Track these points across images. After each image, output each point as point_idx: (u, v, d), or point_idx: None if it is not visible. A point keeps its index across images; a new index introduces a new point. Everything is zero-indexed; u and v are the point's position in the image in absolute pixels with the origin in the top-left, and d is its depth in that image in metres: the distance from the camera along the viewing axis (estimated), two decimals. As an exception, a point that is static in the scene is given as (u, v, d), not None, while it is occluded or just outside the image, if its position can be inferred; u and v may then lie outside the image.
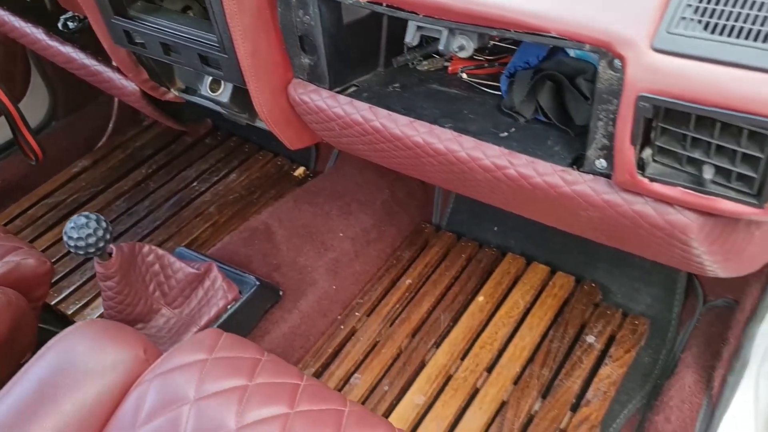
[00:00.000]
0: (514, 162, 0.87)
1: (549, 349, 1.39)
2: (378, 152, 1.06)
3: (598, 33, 0.70)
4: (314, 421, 0.94)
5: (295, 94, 1.07)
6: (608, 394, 1.29)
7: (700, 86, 0.64)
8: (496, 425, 1.27)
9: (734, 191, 0.69)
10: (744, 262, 0.87)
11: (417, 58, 1.11)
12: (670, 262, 0.90)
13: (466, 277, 1.57)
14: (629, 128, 0.71)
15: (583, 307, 1.46)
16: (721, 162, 0.68)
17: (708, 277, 1.37)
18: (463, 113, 0.97)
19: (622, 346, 1.37)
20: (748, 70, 0.62)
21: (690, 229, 0.76)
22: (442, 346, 1.42)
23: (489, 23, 0.78)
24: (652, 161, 0.74)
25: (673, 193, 0.73)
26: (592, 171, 0.81)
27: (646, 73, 0.67)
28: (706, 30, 0.64)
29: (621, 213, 0.80)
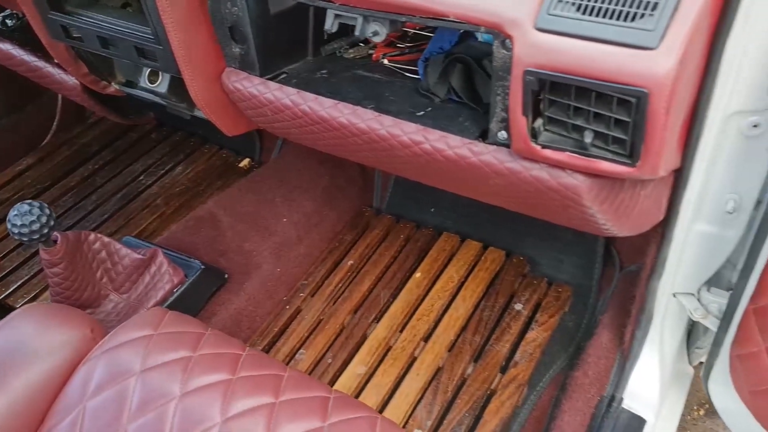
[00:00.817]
0: (429, 137, 0.95)
1: (481, 318, 1.48)
2: (308, 134, 1.12)
3: (489, 16, 0.78)
4: (256, 385, 1.00)
5: (228, 82, 1.13)
6: (534, 356, 1.39)
7: (574, 60, 0.73)
8: (431, 389, 1.35)
9: (611, 153, 0.79)
10: (634, 221, 0.96)
11: (343, 46, 1.18)
12: (572, 224, 0.99)
13: (405, 256, 1.65)
14: (520, 101, 0.79)
15: (512, 279, 1.55)
16: (599, 127, 0.77)
17: (623, 246, 1.49)
18: (384, 95, 1.05)
19: (547, 311, 1.47)
20: (613, 45, 0.71)
21: (580, 189, 0.85)
22: (382, 320, 1.50)
23: (397, 9, 0.86)
24: (544, 130, 0.82)
25: (562, 158, 0.82)
26: (495, 142, 0.89)
27: (530, 50, 0.75)
28: (578, 11, 0.73)
29: (522, 179, 0.89)
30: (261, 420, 0.94)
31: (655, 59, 0.69)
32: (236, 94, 1.14)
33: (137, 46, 1.17)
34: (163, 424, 0.95)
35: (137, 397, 0.98)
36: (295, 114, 1.07)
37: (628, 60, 0.70)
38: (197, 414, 0.94)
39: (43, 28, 1.26)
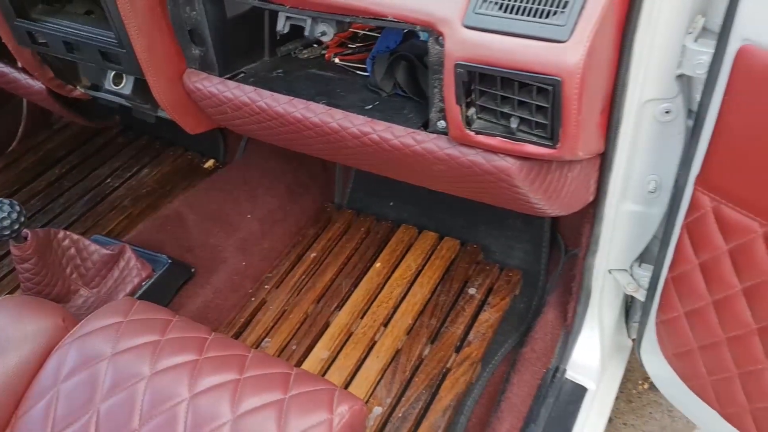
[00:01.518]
0: (376, 128, 1.03)
1: (437, 302, 1.56)
2: (266, 130, 1.20)
3: (423, 15, 0.86)
4: (222, 364, 1.06)
5: (189, 83, 1.19)
6: (487, 336, 1.48)
7: (497, 53, 0.82)
8: (391, 369, 1.43)
9: (535, 137, 0.87)
10: (565, 201, 1.05)
11: (298, 47, 1.26)
12: (510, 205, 1.08)
13: (365, 248, 1.73)
14: (453, 92, 0.88)
15: (467, 265, 1.64)
16: (523, 114, 0.86)
17: (567, 231, 1.58)
18: (336, 91, 1.12)
19: (498, 294, 1.56)
20: (530, 39, 0.80)
21: (511, 171, 0.94)
22: (344, 308, 1.57)
23: (341, 11, 0.94)
24: (477, 118, 0.91)
25: (494, 143, 0.91)
26: (436, 130, 0.97)
27: (459, 46, 0.84)
28: (500, 9, 0.82)
29: (460, 163, 0.97)
30: (226, 394, 1.00)
31: (565, 51, 0.78)
32: (197, 94, 1.20)
33: (101, 50, 1.23)
34: (134, 401, 1.01)
35: (109, 378, 1.04)
36: (253, 110, 1.15)
37: (543, 52, 0.79)
38: (166, 391, 1.00)
39: (9, 34, 1.31)
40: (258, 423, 0.96)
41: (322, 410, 0.97)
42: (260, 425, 0.96)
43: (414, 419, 1.33)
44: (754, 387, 0.98)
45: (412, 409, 1.34)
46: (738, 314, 0.94)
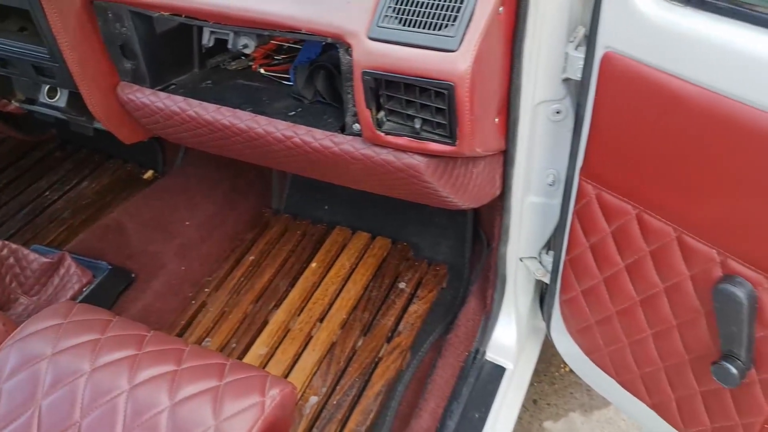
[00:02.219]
0: (298, 132, 1.11)
1: (369, 297, 1.65)
2: (198, 137, 1.27)
3: (333, 29, 0.96)
4: (160, 357, 1.11)
5: (123, 94, 1.25)
6: (415, 326, 1.57)
7: (399, 62, 0.91)
8: (326, 361, 1.51)
9: (437, 135, 0.97)
10: (472, 195, 1.16)
11: (226, 59, 1.33)
12: (424, 200, 1.18)
13: (301, 249, 1.81)
14: (363, 97, 0.97)
15: (397, 262, 1.74)
16: (426, 115, 0.96)
17: (487, 226, 1.69)
18: (262, 100, 1.20)
19: (426, 287, 1.66)
20: (426, 49, 0.90)
21: (420, 167, 1.03)
22: (281, 307, 1.65)
23: (260, 26, 1.02)
24: (386, 120, 1.01)
25: (402, 142, 1.01)
26: (352, 133, 1.07)
27: (365, 55, 0.93)
28: (400, 23, 0.92)
29: (375, 162, 1.07)
30: (164, 384, 1.06)
31: (456, 59, 0.88)
32: (130, 105, 1.27)
33: (35, 64, 1.27)
34: (75, 396, 1.06)
35: (50, 376, 1.08)
36: (183, 119, 1.21)
37: (437, 60, 0.89)
38: (106, 384, 1.06)
39: (-59, 51, 1.34)
40: (195, 408, 1.02)
41: (254, 394, 1.04)
42: (197, 410, 1.02)
43: (348, 406, 1.41)
44: (642, 354, 1.09)
45: (346, 397, 1.42)
46: (623, 289, 1.06)
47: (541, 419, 1.74)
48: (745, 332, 0.88)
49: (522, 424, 1.73)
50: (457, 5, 0.89)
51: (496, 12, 0.90)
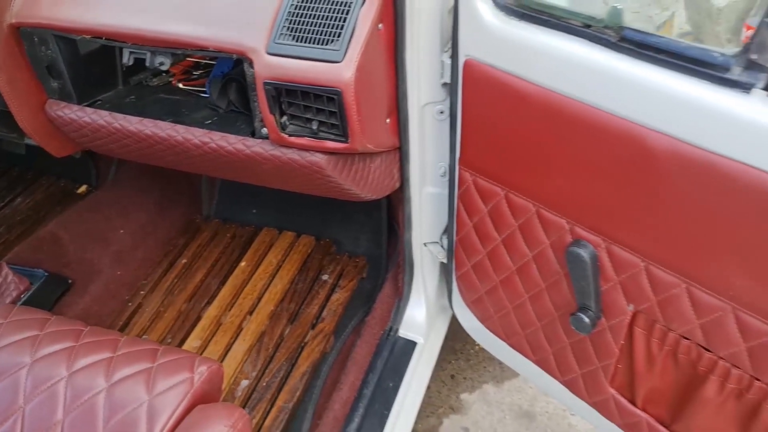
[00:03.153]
0: (213, 138, 1.24)
1: (295, 290, 1.78)
2: (124, 147, 1.38)
3: (237, 46, 1.09)
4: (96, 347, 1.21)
5: (51, 111, 1.35)
6: (338, 312, 1.71)
7: (294, 73, 1.06)
8: (256, 349, 1.63)
9: (333, 135, 1.12)
10: (373, 187, 1.31)
11: (148, 77, 1.45)
12: (331, 193, 1.32)
13: (231, 250, 1.92)
14: (266, 104, 1.11)
15: (321, 257, 1.87)
16: (322, 118, 1.11)
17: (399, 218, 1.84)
18: (181, 111, 1.33)
19: (347, 278, 1.80)
20: (316, 61, 1.04)
21: (321, 164, 1.18)
22: (213, 303, 1.76)
23: (173, 45, 1.15)
24: (289, 124, 1.15)
25: (304, 142, 1.15)
26: (261, 136, 1.20)
27: (265, 68, 1.07)
28: (294, 40, 1.06)
29: (282, 161, 1.20)
30: (101, 369, 1.16)
31: (341, 69, 1.03)
32: (58, 121, 1.36)
33: (-36, 85, 1.36)
34: (17, 386, 1.15)
35: (-9, 372, 1.17)
36: (110, 131, 1.32)
37: (326, 70, 1.04)
38: (46, 374, 1.15)
39: None
40: (129, 387, 1.13)
41: (184, 371, 1.15)
42: (131, 389, 1.13)
43: (276, 386, 1.53)
44: (523, 316, 1.26)
45: (275, 378, 1.55)
46: (502, 261, 1.22)
47: (458, 392, 1.90)
48: (592, 286, 1.05)
49: (441, 397, 1.89)
50: (340, 23, 1.04)
51: (375, 28, 1.06)
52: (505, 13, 0.96)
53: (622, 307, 1.04)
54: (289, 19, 1.07)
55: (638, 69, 0.84)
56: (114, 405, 1.12)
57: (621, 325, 1.06)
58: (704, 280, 0.90)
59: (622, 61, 0.85)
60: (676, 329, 0.98)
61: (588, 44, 0.88)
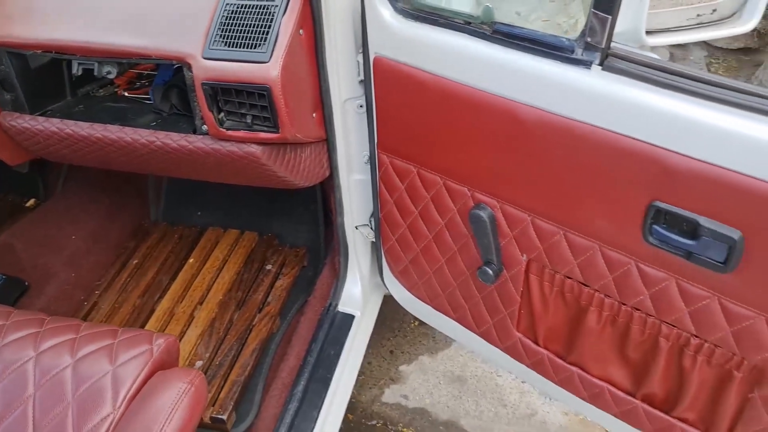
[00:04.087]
0: (159, 137, 1.37)
1: (242, 280, 1.91)
2: (76, 152, 1.49)
3: (176, 53, 1.23)
4: (61, 330, 1.31)
5: (5, 122, 1.46)
6: (282, 296, 1.85)
7: (227, 73, 1.20)
8: (207, 333, 1.75)
9: (265, 127, 1.27)
10: (305, 175, 1.46)
11: (95, 88, 1.57)
12: (269, 183, 1.47)
13: (179, 249, 2.04)
14: (205, 103, 1.25)
15: (264, 250, 2.01)
16: (255, 112, 1.26)
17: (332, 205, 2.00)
18: (127, 116, 1.45)
19: (289, 266, 1.95)
20: (247, 62, 1.20)
21: (257, 154, 1.32)
22: (165, 297, 1.87)
23: (119, 55, 1.28)
24: (226, 120, 1.29)
25: (241, 135, 1.29)
26: (202, 133, 1.34)
27: (202, 71, 1.22)
28: (226, 45, 1.21)
29: (223, 154, 1.35)
30: (66, 348, 1.27)
31: (269, 68, 1.19)
32: (12, 131, 1.47)
33: None
34: (-13, 369, 1.25)
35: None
36: (61, 137, 1.44)
37: (255, 70, 1.19)
38: (14, 356, 1.25)
39: None
40: (94, 361, 1.24)
41: (144, 344, 1.27)
42: (96, 362, 1.24)
43: (228, 363, 1.66)
44: (442, 279, 1.43)
45: (227, 357, 1.67)
46: (420, 231, 1.40)
47: (397, 365, 2.06)
48: (493, 242, 1.24)
49: (381, 371, 2.05)
50: (266, 29, 1.20)
51: (296, 33, 1.22)
52: (403, 16, 1.14)
53: (517, 258, 1.23)
54: (221, 27, 1.22)
55: (508, 55, 1.03)
56: (80, 377, 1.23)
57: (519, 273, 1.25)
58: (576, 225, 1.10)
59: (495, 49, 1.04)
60: (561, 271, 1.17)
61: (469, 37, 1.07)
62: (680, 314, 1.04)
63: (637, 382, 1.20)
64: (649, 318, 1.09)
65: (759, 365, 0.99)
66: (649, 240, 1.00)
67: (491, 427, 1.87)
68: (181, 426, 1.13)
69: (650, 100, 0.92)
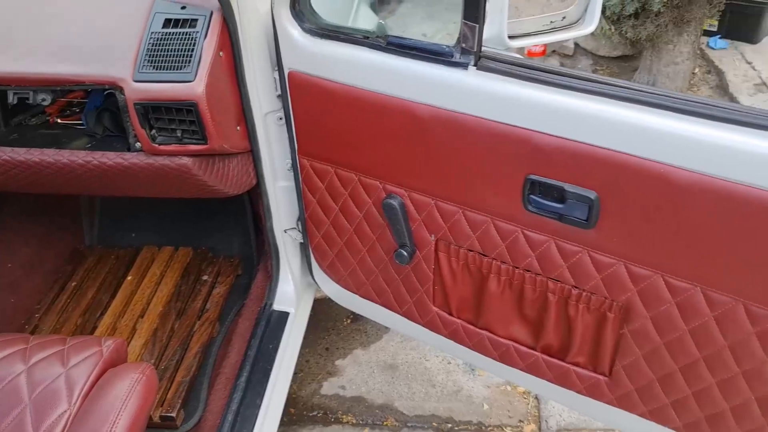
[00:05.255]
0: (95, 156, 1.47)
1: (180, 291, 2.00)
2: (14, 177, 1.56)
3: (108, 78, 1.35)
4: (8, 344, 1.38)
5: (-60, 153, 1.52)
6: (219, 302, 1.95)
7: (156, 93, 1.33)
8: (151, 342, 1.83)
9: (194, 139, 1.40)
10: (233, 184, 1.59)
11: (27, 117, 1.64)
12: (200, 193, 1.58)
13: (117, 269, 2.10)
14: (137, 121, 1.37)
15: (200, 262, 2.11)
16: (184, 127, 1.38)
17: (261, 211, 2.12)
18: (62, 141, 1.54)
19: (224, 275, 2.05)
20: (174, 83, 1.32)
21: (188, 165, 1.44)
22: (106, 313, 1.93)
23: (54, 83, 1.38)
24: (158, 135, 1.41)
25: (172, 149, 1.41)
26: (136, 150, 1.45)
27: (134, 93, 1.34)
28: (154, 68, 1.34)
29: (157, 168, 1.46)
30: (17, 357, 1.34)
31: (194, 86, 1.32)
32: (-52, 161, 1.53)
33: None
34: (-60, 385, 1.30)
35: None
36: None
37: (182, 88, 1.32)
38: (-33, 370, 1.31)
39: None
40: (46, 366, 1.32)
41: (93, 347, 1.36)
42: (48, 367, 1.32)
43: (173, 367, 1.74)
44: (365, 267, 1.58)
45: (171, 361, 1.76)
46: (342, 225, 1.54)
47: (333, 360, 2.19)
48: (404, 227, 1.40)
49: (318, 366, 2.17)
50: (189, 52, 1.33)
51: (216, 55, 1.36)
52: (311, 35, 1.30)
53: (427, 238, 1.40)
54: (149, 53, 1.35)
55: (401, 62, 1.20)
56: (35, 381, 1.30)
57: (429, 252, 1.42)
58: (471, 203, 1.28)
59: (391, 58, 1.21)
60: (463, 245, 1.35)
61: (368, 50, 1.24)
62: (561, 270, 1.23)
63: (535, 336, 1.39)
64: (537, 277, 1.28)
65: (624, 304, 1.19)
66: (528, 208, 1.19)
67: (423, 405, 2.03)
68: (135, 412, 1.23)
69: (518, 92, 1.11)
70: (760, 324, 1.06)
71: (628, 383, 1.29)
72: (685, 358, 1.18)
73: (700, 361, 1.16)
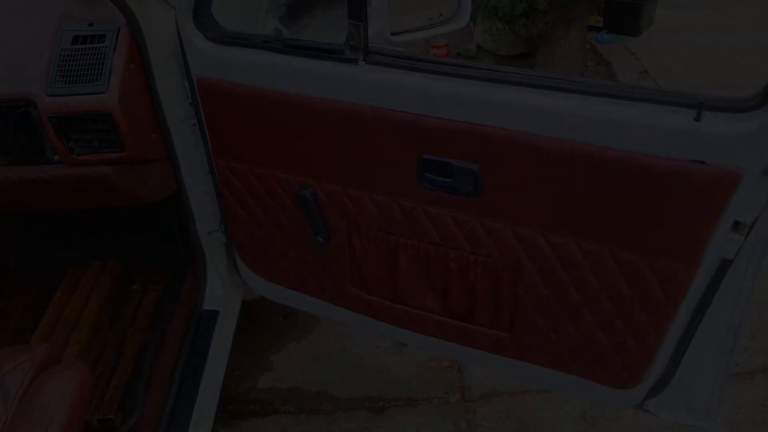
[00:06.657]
0: (14, 172, 1.50)
1: (111, 302, 2.02)
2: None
3: (21, 94, 1.39)
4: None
5: None
6: (151, 309, 1.98)
7: (71, 106, 1.38)
8: (85, 352, 1.85)
9: (112, 148, 1.45)
10: (155, 190, 1.64)
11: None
12: (124, 201, 1.63)
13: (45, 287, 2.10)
14: (54, 135, 1.41)
15: (129, 273, 2.13)
16: (101, 137, 1.43)
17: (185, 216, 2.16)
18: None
19: (155, 283, 2.09)
20: (85, 94, 1.38)
21: (109, 174, 1.50)
22: (38, 330, 1.93)
23: (-34, 102, 1.41)
24: (75, 147, 1.46)
25: (92, 159, 1.47)
26: (54, 162, 1.49)
27: (48, 107, 1.39)
28: (67, 83, 1.39)
29: (77, 179, 1.50)
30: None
31: (107, 97, 1.38)
32: None
33: None
34: None
35: None
36: None
37: (96, 99, 1.38)
38: None
39: None
40: (-22, 375, 1.34)
41: (25, 353, 1.39)
42: (-19, 376, 1.34)
43: (109, 372, 1.77)
44: (286, 257, 1.67)
45: (106, 367, 1.79)
46: (261, 221, 1.63)
47: (267, 356, 2.26)
48: (318, 215, 1.50)
49: (254, 363, 2.23)
50: (100, 66, 1.39)
51: (127, 67, 1.42)
52: (214, 42, 1.39)
53: (339, 224, 1.50)
54: (60, 68, 1.40)
55: (299, 62, 1.30)
56: (-33, 392, 1.32)
57: (342, 237, 1.52)
58: (375, 186, 1.39)
59: (289, 59, 1.31)
60: (370, 227, 1.46)
61: (268, 53, 1.34)
62: (458, 239, 1.36)
63: (445, 304, 1.51)
64: (439, 248, 1.40)
65: (514, 265, 1.33)
66: (425, 186, 1.32)
67: (355, 388, 2.12)
68: (71, 410, 1.27)
69: (404, 81, 1.23)
70: (626, 265, 1.21)
71: (527, 337, 1.44)
72: (570, 306, 1.32)
73: (583, 306, 1.31)
